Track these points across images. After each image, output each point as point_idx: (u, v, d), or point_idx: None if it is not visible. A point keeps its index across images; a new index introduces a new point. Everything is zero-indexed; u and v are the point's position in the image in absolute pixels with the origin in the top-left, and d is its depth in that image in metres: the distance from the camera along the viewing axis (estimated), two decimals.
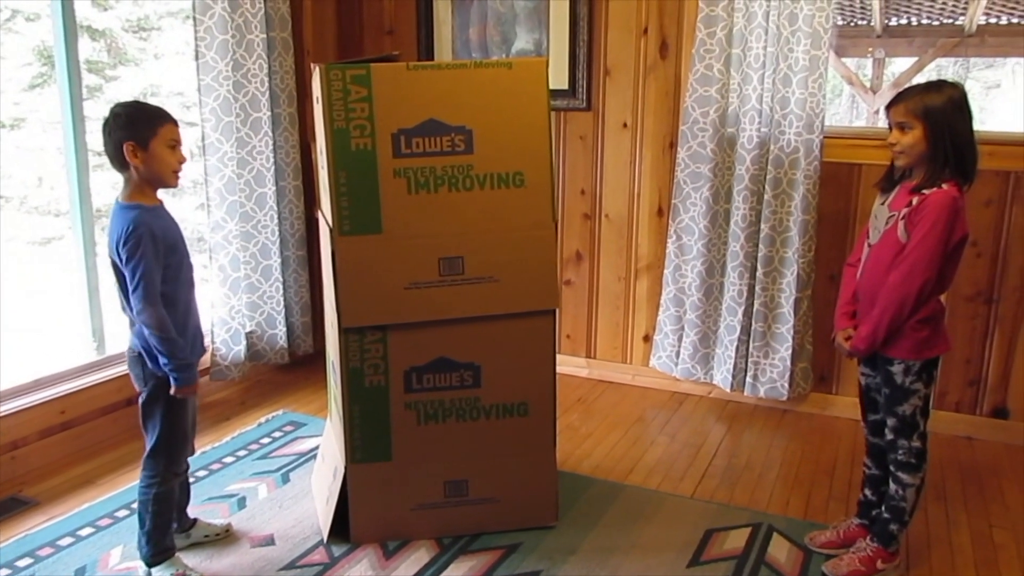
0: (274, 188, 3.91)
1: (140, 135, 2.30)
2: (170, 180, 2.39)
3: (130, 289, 2.31)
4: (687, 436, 3.60)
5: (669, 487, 3.15)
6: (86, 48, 4.96)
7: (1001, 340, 3.49)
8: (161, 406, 2.42)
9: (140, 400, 2.45)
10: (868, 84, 10.15)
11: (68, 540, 2.74)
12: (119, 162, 2.34)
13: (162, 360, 2.34)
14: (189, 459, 2.64)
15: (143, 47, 5.29)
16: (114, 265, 2.36)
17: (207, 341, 3.75)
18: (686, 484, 3.18)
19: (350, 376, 2.62)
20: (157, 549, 2.48)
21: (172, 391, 2.37)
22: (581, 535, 2.80)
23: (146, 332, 2.32)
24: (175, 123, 2.38)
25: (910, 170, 2.39)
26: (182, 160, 2.40)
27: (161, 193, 2.44)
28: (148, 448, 2.46)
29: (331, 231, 2.53)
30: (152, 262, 2.30)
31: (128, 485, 3.01)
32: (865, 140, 3.59)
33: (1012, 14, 8.59)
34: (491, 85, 2.56)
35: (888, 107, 2.37)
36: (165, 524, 2.50)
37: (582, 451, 3.44)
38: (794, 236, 3.56)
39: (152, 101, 2.49)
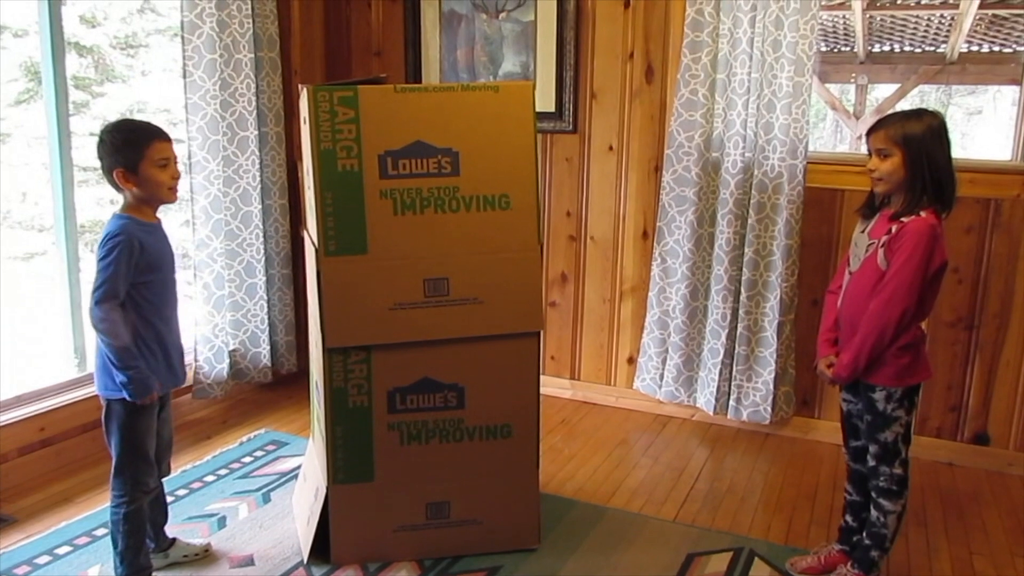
0: (260, 207, 3.91)
1: (128, 161, 2.30)
2: (167, 197, 2.39)
3: (92, 287, 2.28)
4: (670, 459, 3.60)
5: (651, 510, 3.15)
6: (73, 64, 4.96)
7: (982, 366, 3.51)
8: (117, 422, 2.40)
9: (101, 416, 2.43)
10: (851, 110, 10.26)
11: (45, 559, 2.72)
12: (114, 186, 2.34)
13: (115, 372, 2.31)
14: (165, 478, 2.63)
15: (130, 64, 5.29)
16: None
17: (189, 359, 3.74)
18: (668, 507, 3.18)
19: (333, 396, 2.61)
20: (132, 569, 2.46)
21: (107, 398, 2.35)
22: (563, 558, 2.79)
23: (97, 336, 2.29)
24: (165, 139, 2.36)
25: (889, 198, 2.41)
26: (176, 176, 2.38)
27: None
28: (113, 466, 2.44)
29: (317, 251, 2.54)
30: (123, 269, 2.28)
31: (107, 504, 2.97)
32: (848, 166, 3.63)
33: (993, 42, 8.71)
34: (478, 108, 2.58)
35: (868, 134, 2.40)
36: (138, 543, 2.47)
37: (565, 473, 3.44)
38: (777, 260, 3.59)
39: (140, 118, 2.47)
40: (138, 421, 2.42)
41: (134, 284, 2.32)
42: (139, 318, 2.36)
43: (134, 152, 2.30)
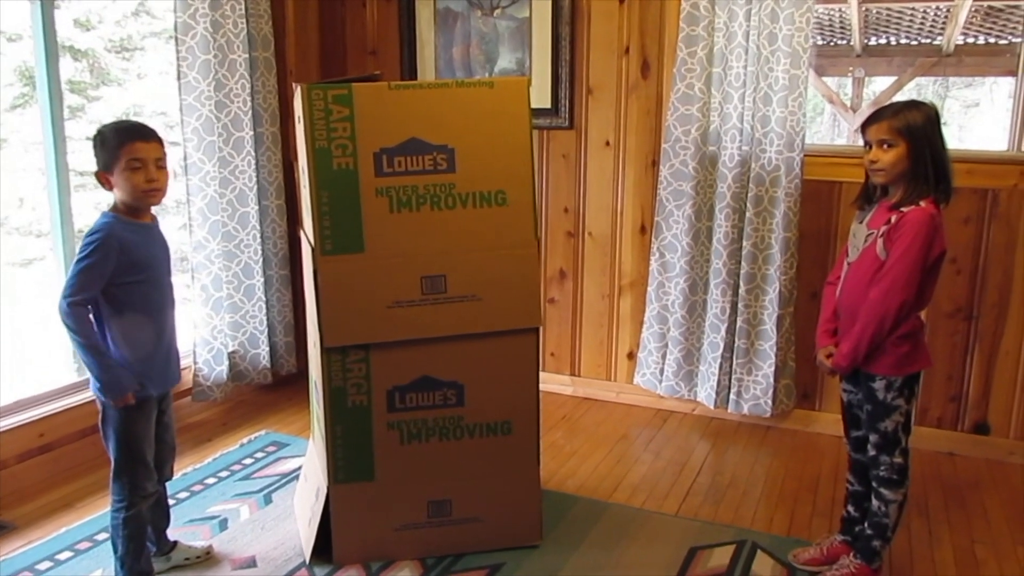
0: (257, 207, 3.90)
1: (104, 164, 2.30)
2: (143, 199, 2.34)
3: (64, 282, 2.27)
4: (671, 454, 3.60)
5: (653, 505, 3.15)
6: (68, 68, 4.95)
7: (981, 356, 3.51)
8: (113, 426, 2.39)
9: (98, 420, 2.43)
10: (848, 103, 10.25)
11: (47, 564, 2.71)
12: (102, 187, 2.35)
13: (89, 372, 2.30)
14: (167, 482, 2.62)
15: (126, 67, 5.28)
16: None
17: (188, 362, 3.74)
18: (670, 502, 3.18)
19: (332, 396, 2.61)
20: (132, 573, 2.45)
21: (102, 401, 2.33)
22: (565, 554, 2.79)
23: (66, 333, 2.27)
24: (145, 140, 2.30)
25: (887, 188, 2.41)
26: (151, 179, 2.30)
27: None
28: (111, 470, 2.43)
29: (313, 250, 2.53)
30: (100, 267, 2.26)
31: (107, 509, 2.96)
32: (845, 158, 3.62)
33: (989, 34, 8.71)
34: (473, 104, 2.57)
35: (866, 126, 2.39)
36: (138, 548, 2.46)
37: (566, 469, 3.43)
38: (776, 253, 3.58)
39: (133, 120, 2.45)
40: (134, 425, 2.40)
41: (120, 284, 2.31)
42: (130, 318, 2.34)
43: (108, 154, 2.29)
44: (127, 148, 2.28)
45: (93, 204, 4.78)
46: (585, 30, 3.90)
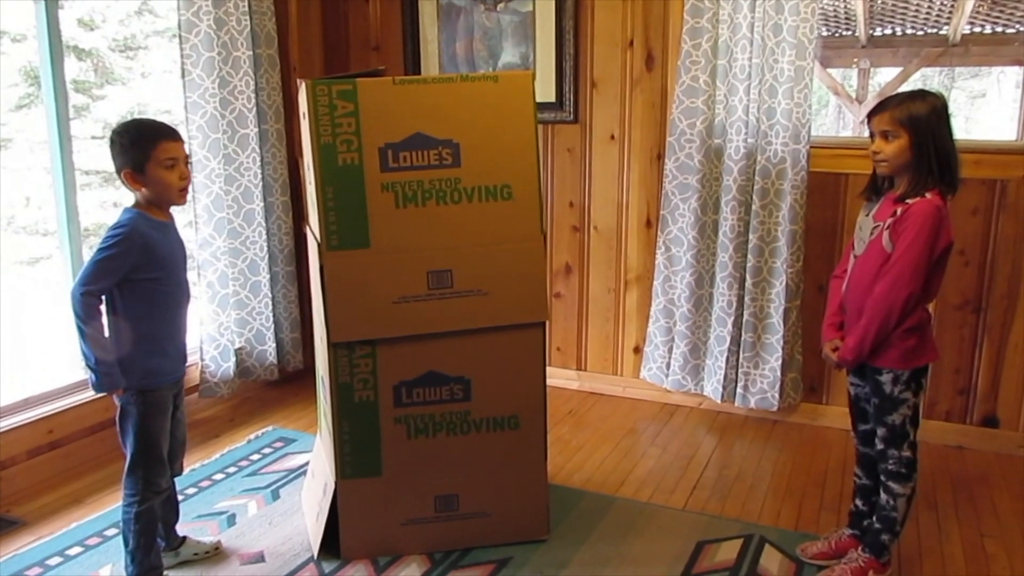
0: (262, 204, 3.91)
1: (135, 161, 2.30)
2: (176, 199, 2.39)
3: (82, 266, 2.28)
4: (678, 448, 3.59)
5: (660, 499, 3.14)
6: (73, 68, 4.96)
7: (990, 349, 3.49)
8: (132, 421, 2.40)
9: (116, 415, 2.44)
10: (854, 94, 10.22)
11: (56, 560, 2.72)
12: (126, 187, 2.34)
13: (83, 358, 2.30)
14: (176, 478, 2.63)
15: (130, 66, 5.29)
16: None
17: (196, 359, 3.75)
18: (677, 496, 3.17)
19: (339, 391, 2.61)
20: (142, 568, 2.46)
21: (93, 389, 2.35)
22: (572, 549, 2.78)
23: (72, 319, 2.28)
24: (173, 139, 2.34)
25: (893, 180, 2.40)
26: (184, 176, 2.36)
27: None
28: (126, 465, 2.44)
29: (319, 246, 2.53)
30: (118, 260, 2.28)
31: (117, 504, 2.97)
32: (851, 150, 3.61)
33: (996, 23, 8.66)
34: (478, 99, 2.56)
35: (870, 116, 2.38)
36: (149, 543, 2.48)
37: (573, 464, 3.43)
38: (782, 246, 3.57)
39: (150, 118, 2.45)
40: (152, 421, 2.43)
41: (140, 280, 2.33)
42: (148, 314, 2.36)
43: (140, 153, 2.30)
44: (162, 147, 2.31)
45: (99, 203, 4.80)
46: (589, 23, 3.89)
